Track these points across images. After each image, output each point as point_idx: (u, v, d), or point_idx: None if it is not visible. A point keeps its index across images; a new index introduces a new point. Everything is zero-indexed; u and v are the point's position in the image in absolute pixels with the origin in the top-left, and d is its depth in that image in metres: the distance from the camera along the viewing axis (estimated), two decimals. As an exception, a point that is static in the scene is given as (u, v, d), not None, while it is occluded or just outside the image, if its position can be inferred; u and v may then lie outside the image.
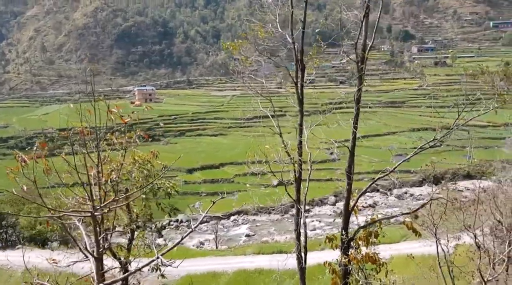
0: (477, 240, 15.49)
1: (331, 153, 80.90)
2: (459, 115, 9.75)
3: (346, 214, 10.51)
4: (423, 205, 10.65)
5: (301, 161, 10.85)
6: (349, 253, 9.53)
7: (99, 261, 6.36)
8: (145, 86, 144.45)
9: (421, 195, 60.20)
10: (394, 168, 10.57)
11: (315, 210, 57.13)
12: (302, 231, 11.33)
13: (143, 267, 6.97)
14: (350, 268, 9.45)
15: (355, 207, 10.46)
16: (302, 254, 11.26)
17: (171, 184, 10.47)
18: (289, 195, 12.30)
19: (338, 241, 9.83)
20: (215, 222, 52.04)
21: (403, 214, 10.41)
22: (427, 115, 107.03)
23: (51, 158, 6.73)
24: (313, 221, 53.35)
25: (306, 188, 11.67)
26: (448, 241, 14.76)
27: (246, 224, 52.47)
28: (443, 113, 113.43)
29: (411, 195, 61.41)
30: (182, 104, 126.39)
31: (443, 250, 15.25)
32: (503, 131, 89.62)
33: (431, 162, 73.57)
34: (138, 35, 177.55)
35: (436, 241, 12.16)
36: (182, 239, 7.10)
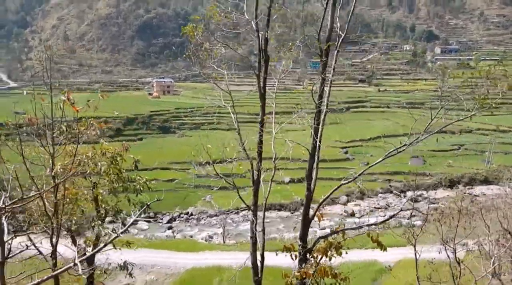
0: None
1: (346, 152, 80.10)
2: (432, 120, 8.85)
3: (305, 222, 9.46)
4: (392, 217, 9.68)
5: (261, 161, 9.60)
6: (303, 266, 8.65)
7: (2, 266, 5.81)
8: (163, 78, 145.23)
9: (435, 198, 58.95)
10: (359, 175, 9.71)
11: (326, 209, 56.45)
12: (260, 239, 10.05)
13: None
14: (307, 282, 8.52)
15: (318, 214, 9.28)
16: (258, 263, 10.10)
17: (143, 180, 9.96)
18: (241, 199, 11.09)
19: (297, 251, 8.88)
20: (224, 217, 52.00)
21: (369, 225, 9.33)
22: (446, 118, 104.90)
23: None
24: (323, 220, 52.78)
25: (268, 191, 10.48)
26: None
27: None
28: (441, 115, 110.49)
29: (426, 198, 60.20)
30: (198, 97, 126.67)
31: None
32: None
33: (448, 165, 72.14)
34: (159, 27, 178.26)
35: (415, 252, 11.38)
36: (116, 236, 6.86)
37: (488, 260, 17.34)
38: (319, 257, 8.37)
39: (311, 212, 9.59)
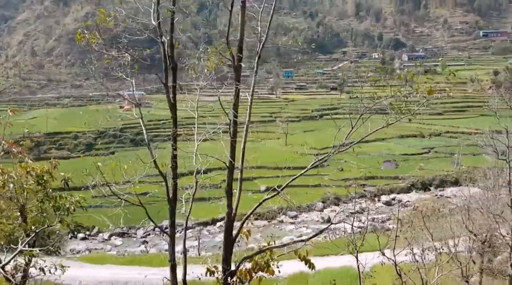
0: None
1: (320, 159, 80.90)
2: (352, 128, 8.72)
3: (227, 243, 8.42)
4: (321, 231, 9.35)
5: (176, 177, 8.95)
6: None
7: None
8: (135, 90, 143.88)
9: (408, 201, 60.04)
10: (283, 188, 9.16)
11: (303, 216, 56.68)
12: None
13: None
14: None
15: (246, 232, 8.44)
16: None
17: (75, 200, 9.31)
18: (151, 219, 10.08)
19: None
20: (201, 228, 51.38)
21: (295, 241, 8.68)
22: (417, 122, 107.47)
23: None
24: (300, 227, 52.89)
25: (189, 209, 9.54)
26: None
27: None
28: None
29: (399, 201, 61.18)
30: (192, 109, 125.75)
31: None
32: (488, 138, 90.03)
33: (419, 168, 73.52)
34: (128, 40, 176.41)
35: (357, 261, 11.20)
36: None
37: (456, 263, 17.68)
38: (245, 279, 7.67)
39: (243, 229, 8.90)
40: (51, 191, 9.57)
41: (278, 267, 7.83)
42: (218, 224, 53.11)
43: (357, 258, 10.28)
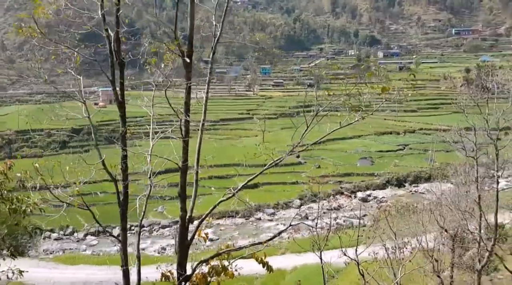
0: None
1: (297, 156, 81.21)
2: (307, 127, 8.47)
3: (182, 247, 8.12)
4: (280, 233, 9.16)
5: (126, 178, 8.46)
6: None
7: None
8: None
9: (384, 197, 61.05)
10: (238, 190, 8.74)
11: (280, 213, 56.99)
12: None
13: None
14: None
15: (203, 236, 8.24)
16: None
17: (32, 201, 8.85)
18: (99, 223, 9.58)
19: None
20: (177, 227, 51.05)
21: (253, 244, 8.19)
22: (392, 119, 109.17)
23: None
24: (278, 224, 53.13)
25: (143, 212, 9.00)
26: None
27: (210, 228, 51.62)
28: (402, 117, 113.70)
29: (375, 197, 62.18)
30: (148, 105, 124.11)
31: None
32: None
33: (394, 165, 74.66)
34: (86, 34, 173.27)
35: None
36: None
37: (428, 258, 18.06)
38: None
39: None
40: (6, 193, 9.11)
41: (237, 271, 7.71)
42: (195, 222, 52.85)
43: (321, 258, 10.24)
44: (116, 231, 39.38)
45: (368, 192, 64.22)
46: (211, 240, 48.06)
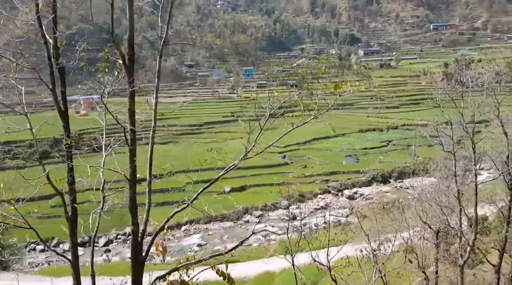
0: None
1: (284, 157, 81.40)
2: (262, 129, 8.37)
3: (136, 263, 7.56)
4: (242, 242, 8.67)
5: (74, 190, 8.10)
6: None
7: None
8: (91, 94, 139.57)
9: (370, 194, 61.54)
10: (193, 199, 8.49)
11: (268, 215, 56.95)
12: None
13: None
14: None
15: (161, 250, 7.48)
16: None
17: None
18: (42, 241, 9.13)
19: None
20: (164, 233, 50.63)
21: (213, 255, 7.84)
22: (374, 116, 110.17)
23: None
24: (266, 226, 53.01)
25: (96, 226, 8.32)
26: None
27: (198, 233, 51.37)
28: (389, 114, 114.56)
29: (361, 195, 62.63)
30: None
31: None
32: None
33: (379, 161, 75.21)
34: (82, 43, 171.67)
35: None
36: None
37: (411, 254, 18.21)
38: None
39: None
40: None
41: (198, 284, 7.39)
42: (183, 228, 52.51)
43: (293, 262, 10.07)
44: (102, 241, 38.82)
45: (354, 190, 64.64)
46: (199, 245, 47.79)
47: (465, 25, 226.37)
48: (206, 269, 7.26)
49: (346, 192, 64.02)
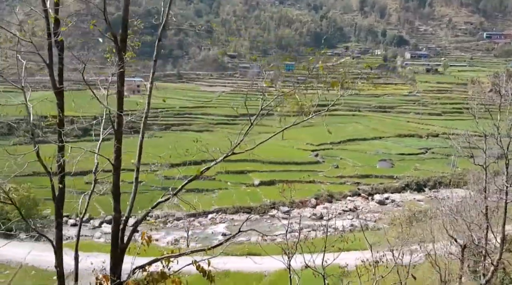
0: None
1: (316, 155, 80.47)
2: (252, 124, 7.98)
3: (116, 251, 7.26)
4: (227, 240, 8.06)
5: (63, 176, 7.63)
6: None
7: None
8: (134, 77, 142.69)
9: (402, 201, 59.85)
10: (178, 191, 8.23)
11: (295, 212, 56.41)
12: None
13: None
14: None
15: (145, 238, 7.27)
16: None
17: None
18: (27, 221, 8.91)
19: None
20: (192, 219, 51.13)
21: (195, 251, 7.52)
22: (415, 122, 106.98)
23: None
24: (292, 223, 52.61)
25: (86, 206, 8.16)
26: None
27: (224, 223, 51.58)
28: (429, 121, 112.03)
29: (393, 201, 61.00)
30: (170, 97, 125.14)
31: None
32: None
33: (415, 169, 73.01)
34: (130, 25, 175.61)
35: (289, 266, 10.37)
36: None
37: (434, 268, 17.36)
38: None
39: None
40: None
41: (179, 278, 7.12)
42: (210, 216, 52.88)
43: (289, 266, 9.55)
44: (132, 220, 39.22)
45: (386, 195, 63.04)
46: (224, 234, 47.97)
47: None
48: (188, 265, 7.02)
49: (377, 196, 62.50)
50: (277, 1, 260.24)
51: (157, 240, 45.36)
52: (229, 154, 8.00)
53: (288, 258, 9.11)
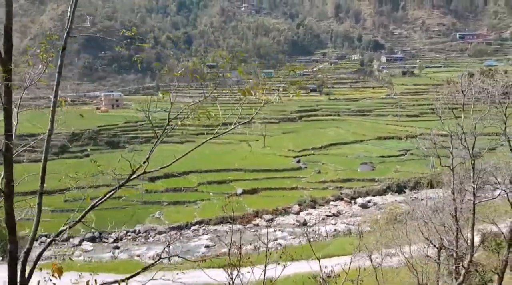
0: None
1: (298, 161, 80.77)
2: (158, 139, 7.47)
3: (13, 272, 6.19)
4: (144, 269, 7.08)
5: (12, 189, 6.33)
6: None
7: None
8: (112, 91, 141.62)
9: (383, 203, 60.42)
10: (84, 214, 7.08)
11: (278, 219, 56.40)
12: None
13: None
14: None
15: (54, 268, 6.15)
16: None
17: None
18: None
19: None
20: (174, 233, 50.63)
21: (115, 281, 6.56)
22: (394, 124, 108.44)
23: None
24: (275, 231, 52.62)
25: (36, 225, 6.46)
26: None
27: (207, 234, 51.23)
28: (407, 122, 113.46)
29: (375, 203, 61.54)
30: (150, 111, 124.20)
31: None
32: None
33: (395, 170, 73.68)
34: (106, 40, 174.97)
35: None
36: None
37: (411, 272, 17.52)
38: None
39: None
40: None
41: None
42: (192, 228, 52.48)
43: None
44: (112, 237, 38.77)
45: (368, 198, 63.53)
46: (207, 246, 47.60)
47: (492, 35, 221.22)
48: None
49: (360, 200, 62.98)
50: (253, 11, 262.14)
51: (138, 255, 44.76)
52: (129, 179, 7.19)
53: (230, 274, 8.77)
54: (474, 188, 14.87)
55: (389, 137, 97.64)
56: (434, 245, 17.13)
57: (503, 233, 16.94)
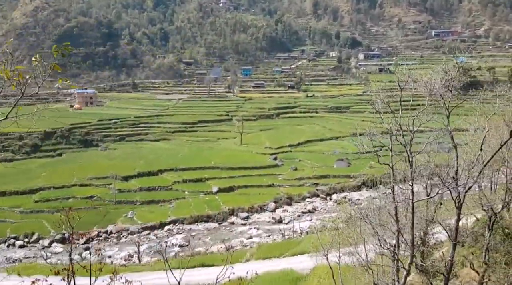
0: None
1: (275, 158, 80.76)
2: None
3: None
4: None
5: None
6: None
7: None
8: (86, 89, 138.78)
9: (359, 199, 60.91)
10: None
11: (254, 217, 56.27)
12: None
13: None
14: None
15: None
16: None
17: None
18: None
19: None
20: (147, 233, 49.97)
21: None
22: (369, 121, 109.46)
23: None
24: (251, 228, 52.48)
25: None
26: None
27: (181, 233, 50.70)
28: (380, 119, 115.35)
29: (350, 199, 61.99)
30: (124, 107, 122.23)
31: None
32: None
33: (370, 166, 74.45)
34: (81, 36, 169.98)
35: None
36: None
37: (366, 271, 17.51)
38: None
39: None
40: None
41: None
42: (166, 227, 51.89)
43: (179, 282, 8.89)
44: (83, 239, 37.55)
45: (343, 194, 64.00)
46: (181, 246, 47.11)
47: (467, 33, 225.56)
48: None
49: (335, 196, 63.38)
50: (231, 7, 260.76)
51: (109, 256, 43.93)
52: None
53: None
54: (412, 187, 14.76)
55: (365, 133, 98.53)
56: (389, 243, 16.96)
57: (447, 232, 17.02)
